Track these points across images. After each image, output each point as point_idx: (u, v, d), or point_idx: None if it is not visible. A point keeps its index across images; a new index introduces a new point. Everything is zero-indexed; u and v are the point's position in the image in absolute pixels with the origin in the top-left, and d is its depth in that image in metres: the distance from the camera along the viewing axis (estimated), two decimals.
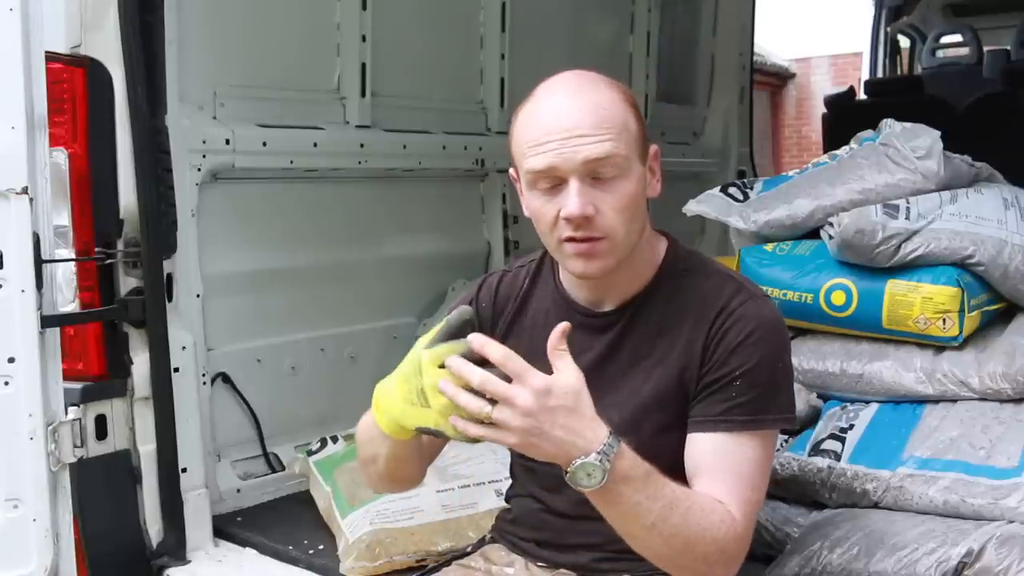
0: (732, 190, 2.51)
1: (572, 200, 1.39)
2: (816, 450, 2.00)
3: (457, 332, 1.33)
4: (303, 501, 2.40)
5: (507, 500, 1.73)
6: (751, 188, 2.52)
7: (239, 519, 2.39)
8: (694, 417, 1.47)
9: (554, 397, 1.25)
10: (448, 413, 1.28)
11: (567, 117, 1.41)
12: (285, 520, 2.38)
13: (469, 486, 2.18)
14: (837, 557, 1.75)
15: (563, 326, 1.30)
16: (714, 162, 4.30)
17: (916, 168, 2.30)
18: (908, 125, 2.41)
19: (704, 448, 1.45)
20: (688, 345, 1.48)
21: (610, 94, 1.45)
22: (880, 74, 6.62)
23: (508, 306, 1.64)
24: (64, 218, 1.98)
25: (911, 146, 2.33)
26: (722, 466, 1.43)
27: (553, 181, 1.42)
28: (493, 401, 1.24)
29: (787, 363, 1.52)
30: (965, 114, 4.85)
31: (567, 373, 1.28)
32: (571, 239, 1.42)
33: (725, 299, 1.48)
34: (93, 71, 2.02)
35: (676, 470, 1.46)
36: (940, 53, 6.44)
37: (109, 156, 2.04)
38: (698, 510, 1.35)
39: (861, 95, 5.85)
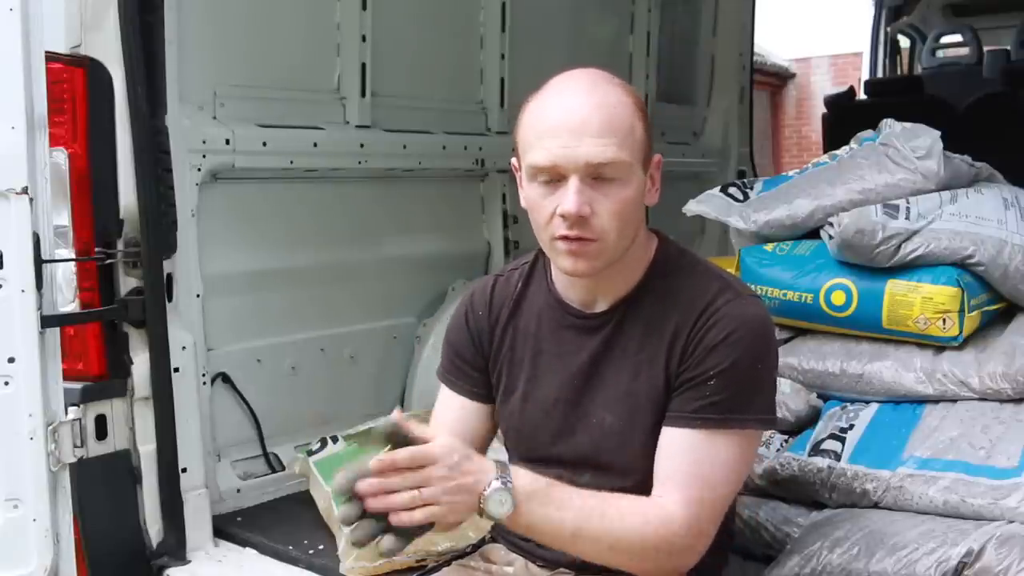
0: (732, 190, 2.51)
1: (570, 198, 1.40)
2: (816, 450, 2.00)
3: (385, 442, 1.36)
4: (303, 501, 2.40)
5: None
6: (751, 188, 2.52)
7: (239, 519, 2.39)
8: (669, 412, 1.48)
9: (453, 452, 1.33)
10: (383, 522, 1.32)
11: (576, 115, 1.41)
12: (285, 520, 2.38)
13: None
14: (837, 557, 1.75)
15: (393, 418, 1.35)
16: (714, 162, 4.29)
17: (916, 168, 2.30)
18: (908, 125, 2.41)
19: (670, 443, 1.46)
20: (672, 343, 1.49)
21: (621, 97, 1.44)
22: (880, 74, 6.62)
23: (503, 310, 1.64)
24: (64, 218, 1.98)
25: (911, 146, 2.33)
26: (680, 462, 1.44)
27: (554, 177, 1.42)
28: None
29: (769, 364, 1.51)
30: (965, 114, 4.85)
31: (433, 441, 1.34)
32: (564, 237, 1.43)
33: (709, 298, 1.49)
34: (93, 71, 2.02)
35: None
36: (940, 53, 6.44)
37: (109, 156, 2.05)
38: (615, 513, 1.39)
39: (861, 95, 5.85)
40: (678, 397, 1.47)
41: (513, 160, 1.55)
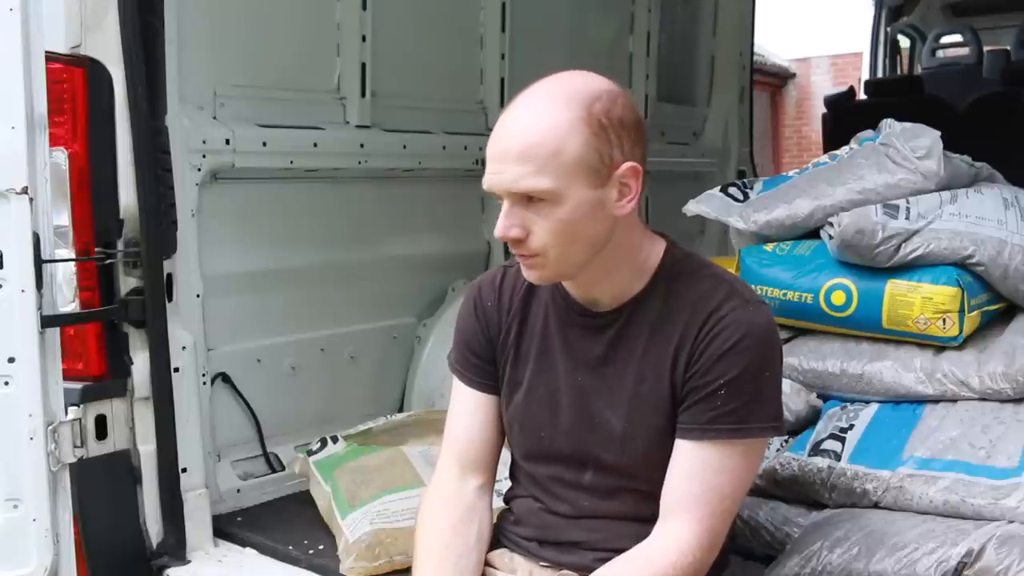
0: (732, 190, 2.51)
1: (499, 223, 1.44)
2: (816, 450, 2.00)
3: None
4: (303, 501, 2.40)
5: (506, 502, 1.73)
6: (751, 188, 2.52)
7: (239, 519, 2.39)
8: (681, 424, 1.48)
9: None
10: None
11: (502, 142, 1.43)
12: (285, 520, 2.38)
13: None
14: (837, 557, 1.75)
15: None
16: (714, 162, 4.29)
17: (916, 168, 2.30)
18: (908, 125, 2.41)
19: (683, 458, 1.47)
20: (679, 349, 1.49)
21: (555, 116, 1.40)
22: (880, 74, 6.62)
23: (511, 303, 1.64)
24: (64, 218, 1.98)
25: (911, 146, 2.33)
26: (693, 482, 1.46)
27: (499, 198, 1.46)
28: None
29: (775, 371, 1.51)
30: (965, 114, 4.85)
31: None
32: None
33: (716, 303, 1.48)
34: (93, 71, 2.02)
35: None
36: (940, 53, 6.44)
37: (109, 156, 2.04)
38: None
39: (861, 95, 5.85)
40: (689, 409, 1.47)
41: None
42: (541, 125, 1.40)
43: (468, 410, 1.68)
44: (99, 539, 2.03)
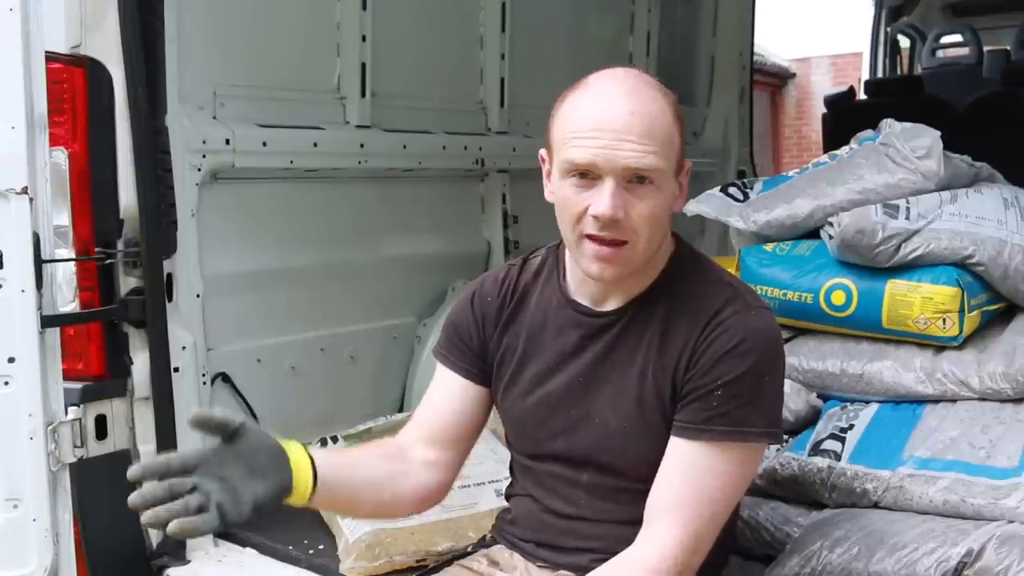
0: (732, 190, 2.51)
1: (605, 200, 1.40)
2: (816, 450, 2.00)
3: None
4: None
5: (507, 499, 1.73)
6: (751, 188, 2.53)
7: None
8: (677, 422, 1.48)
9: None
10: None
11: (619, 118, 1.40)
12: (285, 520, 2.36)
13: (469, 486, 2.18)
14: (837, 557, 1.75)
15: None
16: (714, 162, 4.30)
17: (916, 168, 2.30)
18: (908, 125, 2.41)
19: (677, 456, 1.47)
20: (681, 350, 1.49)
21: (663, 105, 1.44)
22: (880, 74, 6.62)
23: (513, 301, 1.64)
24: (64, 218, 1.98)
25: (911, 146, 2.33)
26: (687, 479, 1.45)
27: (590, 175, 1.42)
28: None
29: (776, 377, 1.51)
30: (965, 114, 4.85)
31: None
32: (593, 237, 1.43)
33: (718, 306, 1.48)
34: (93, 71, 2.02)
35: None
36: (940, 53, 6.45)
37: (109, 156, 2.04)
38: None
39: (861, 95, 5.85)
40: (685, 408, 1.47)
41: (541, 151, 1.54)
42: (656, 111, 1.43)
43: (447, 393, 1.66)
44: (99, 539, 2.03)
